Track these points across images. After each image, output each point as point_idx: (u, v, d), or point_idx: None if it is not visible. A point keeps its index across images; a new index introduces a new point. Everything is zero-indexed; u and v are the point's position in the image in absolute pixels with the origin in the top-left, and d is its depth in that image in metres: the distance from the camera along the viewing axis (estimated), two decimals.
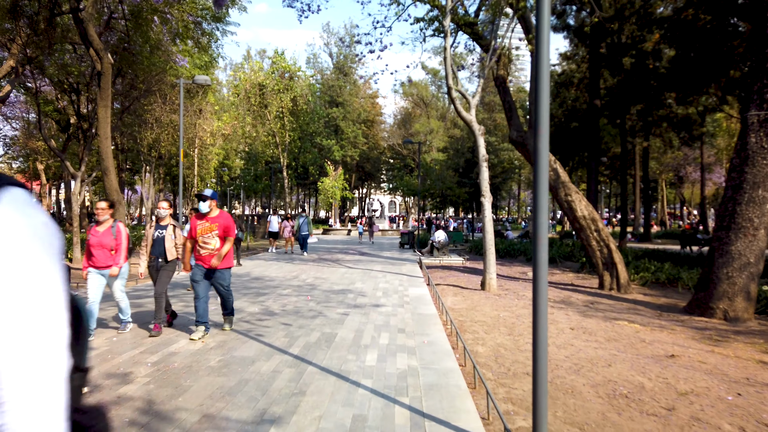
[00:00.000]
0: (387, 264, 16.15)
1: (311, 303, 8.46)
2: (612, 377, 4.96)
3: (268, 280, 11.48)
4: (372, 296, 9.42)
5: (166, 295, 6.36)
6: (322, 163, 51.09)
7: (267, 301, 8.52)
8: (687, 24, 18.84)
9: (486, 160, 11.07)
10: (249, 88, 28.35)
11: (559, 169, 13.40)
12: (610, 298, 10.91)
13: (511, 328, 7.12)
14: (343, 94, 59.11)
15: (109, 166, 13.37)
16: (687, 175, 54.18)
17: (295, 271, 13.47)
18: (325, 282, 11.30)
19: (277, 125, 29.80)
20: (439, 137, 57.67)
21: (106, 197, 14.20)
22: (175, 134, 28.11)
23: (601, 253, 12.58)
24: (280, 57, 28.94)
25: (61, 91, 24.88)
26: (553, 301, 10.00)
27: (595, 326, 7.47)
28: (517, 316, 8.10)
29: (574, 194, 13.10)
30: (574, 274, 15.51)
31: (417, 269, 14.78)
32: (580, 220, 12.84)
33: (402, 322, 7.10)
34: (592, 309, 9.20)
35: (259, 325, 6.66)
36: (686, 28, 18.92)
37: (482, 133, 11.19)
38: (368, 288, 10.52)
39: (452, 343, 6.11)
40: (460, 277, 13.37)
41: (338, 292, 9.77)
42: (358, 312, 7.75)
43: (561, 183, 13.27)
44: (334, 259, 17.52)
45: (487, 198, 10.97)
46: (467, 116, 11.19)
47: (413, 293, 9.92)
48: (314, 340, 5.90)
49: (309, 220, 19.08)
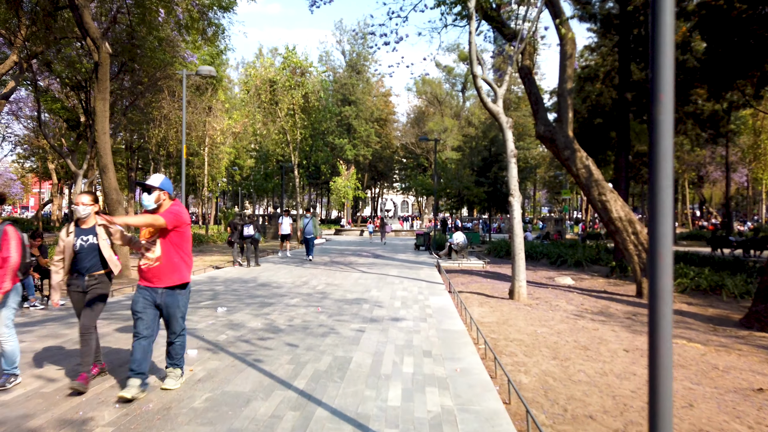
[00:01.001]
0: (403, 268, 15.15)
1: (322, 316, 7.48)
2: (701, 424, 3.91)
3: (276, 287, 10.53)
4: (390, 307, 8.42)
5: (96, 332, 4.49)
6: (335, 163, 50.23)
7: (272, 314, 7.56)
8: (720, 13, 17.59)
9: (515, 156, 10.02)
10: (259, 84, 27.51)
11: (591, 167, 12.31)
12: None
13: (554, 350, 6.08)
14: (355, 93, 58.21)
15: (108, 164, 12.53)
16: (707, 174, 52.55)
17: (305, 276, 12.52)
18: (337, 289, 10.33)
19: (288, 123, 28.93)
20: (453, 136, 56.51)
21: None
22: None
23: (639, 258, 11.47)
24: (291, 52, 28.06)
25: (69, 88, 24.28)
26: (591, 313, 8.94)
27: None
28: (557, 333, 7.05)
29: (609, 193, 12.01)
30: (605, 280, 14.37)
31: (436, 274, 13.76)
32: (615, 221, 11.74)
33: (427, 341, 6.09)
34: (638, 323, 8.12)
35: (260, 346, 5.69)
36: (719, 18, 17.67)
37: (510, 125, 10.15)
38: (385, 297, 9.53)
39: (489, 369, 5.10)
40: (484, 284, 12.32)
41: (352, 302, 8.79)
42: (376, 328, 6.76)
43: (594, 181, 12.19)
44: (346, 263, 16.55)
45: (516, 197, 9.92)
46: (494, 107, 10.15)
47: (435, 303, 8.90)
48: (324, 367, 4.91)
49: (316, 220, 17.46)
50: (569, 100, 12.90)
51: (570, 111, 12.86)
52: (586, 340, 6.65)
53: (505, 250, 21.24)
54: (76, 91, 25.58)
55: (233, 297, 9.14)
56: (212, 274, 12.91)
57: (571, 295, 11.05)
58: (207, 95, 28.57)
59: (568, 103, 12.89)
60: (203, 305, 8.26)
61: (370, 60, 61.93)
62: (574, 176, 12.55)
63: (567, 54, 12.86)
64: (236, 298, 8.96)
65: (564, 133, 12.63)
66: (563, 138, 12.58)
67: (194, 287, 10.45)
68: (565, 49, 12.89)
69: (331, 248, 24.48)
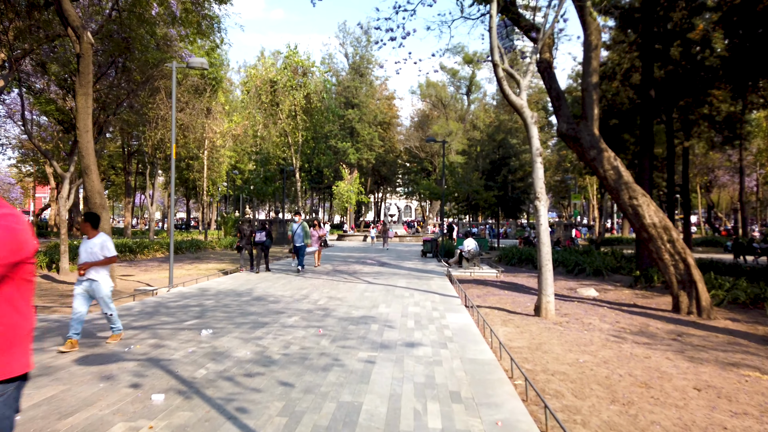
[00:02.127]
0: (412, 278, 14.02)
1: (323, 340, 6.35)
2: None
3: (272, 302, 9.41)
4: (402, 327, 7.29)
5: None
6: (337, 167, 49.17)
7: (265, 338, 6.43)
8: (745, 6, 16.48)
9: (541, 155, 8.92)
10: (260, 84, 26.48)
11: (620, 168, 11.19)
12: (696, 326, 8.66)
13: (609, 388, 4.94)
14: (359, 96, 57.23)
15: (91, 164, 11.47)
16: (716, 178, 51.40)
17: (306, 289, 11.39)
18: (341, 305, 9.20)
19: (290, 125, 27.89)
20: (458, 140, 55.44)
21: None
22: (180, 134, 26.32)
23: (675, 268, 10.33)
24: (293, 52, 27.04)
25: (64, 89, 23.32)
26: (630, 333, 7.80)
27: (723, 381, 5.27)
28: (603, 362, 5.92)
29: (641, 197, 10.88)
30: (630, 291, 13.23)
31: (448, 285, 12.63)
32: (648, 228, 10.60)
33: (452, 377, 4.96)
34: (689, 346, 6.98)
35: (246, 386, 4.57)
36: (744, 12, 16.56)
37: (536, 121, 9.05)
38: (395, 313, 8.40)
39: (537, 419, 3.98)
40: (502, 297, 11.18)
41: (358, 322, 7.66)
42: (388, 357, 5.63)
43: (624, 184, 11.06)
44: (350, 272, 15.43)
45: (542, 201, 8.80)
46: (517, 101, 9.06)
47: (454, 322, 7.77)
48: (327, 421, 3.79)
49: (306, 226, 15.05)
50: (595, 94, 11.80)
51: (596, 107, 11.76)
52: (641, 372, 5.51)
53: (517, 258, 20.11)
54: (71, 92, 24.63)
55: (223, 315, 8.03)
56: (204, 285, 11.80)
57: (602, 310, 9.91)
58: (206, 96, 27.56)
59: (594, 98, 11.79)
60: (186, 326, 7.14)
61: (374, 63, 61.00)
62: (601, 178, 11.42)
63: (592, 45, 11.78)
64: (226, 317, 7.85)
65: (589, 131, 11.52)
66: (588, 136, 11.47)
67: (181, 302, 9.34)
68: (589, 39, 11.81)
69: (334, 255, 23.37)
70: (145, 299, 9.71)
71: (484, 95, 69.07)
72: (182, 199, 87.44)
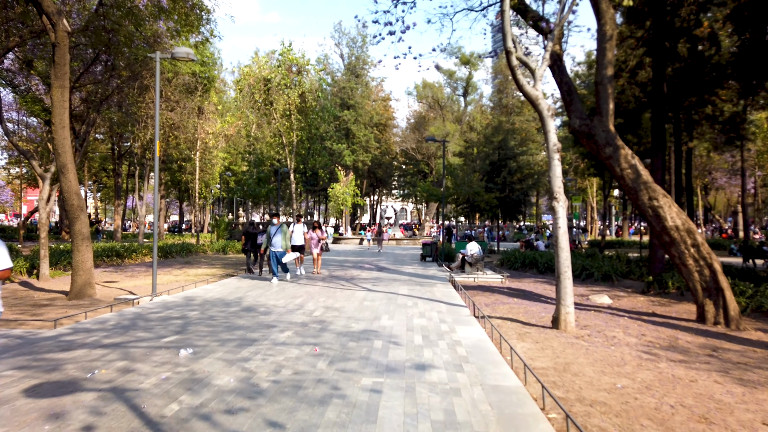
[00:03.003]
0: (413, 284, 13.19)
1: (320, 362, 5.51)
2: None
3: (263, 313, 8.55)
4: (409, 344, 6.46)
5: None
6: (333, 168, 48.31)
7: (253, 360, 5.58)
8: (756, 2, 15.79)
9: (558, 150, 8.12)
10: (253, 82, 25.61)
11: (638, 166, 10.41)
12: (728, 339, 7.88)
13: (665, 427, 4.12)
14: (354, 97, 56.42)
15: (68, 163, 10.59)
16: (713, 180, 50.94)
17: (300, 297, 10.54)
18: (339, 316, 8.35)
19: (284, 125, 27.01)
20: (454, 141, 54.73)
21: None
22: (171, 133, 25.43)
23: (700, 275, 9.55)
24: (287, 49, 26.19)
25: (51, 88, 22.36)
26: (661, 348, 7.01)
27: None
28: (645, 387, 5.10)
29: (662, 198, 10.10)
30: (645, 297, 12.47)
31: (452, 292, 11.81)
32: (670, 231, 9.82)
33: (476, 411, 4.14)
34: (729, 363, 6.19)
35: (225, 428, 3.71)
36: (756, 7, 15.87)
37: (552, 113, 8.26)
38: (400, 326, 7.57)
39: None
40: (513, 306, 10.37)
41: (359, 337, 6.82)
42: (396, 384, 4.80)
43: (643, 183, 10.28)
44: (348, 277, 14.58)
45: (561, 201, 8.00)
46: (533, 92, 8.26)
47: (466, 337, 6.95)
48: None
49: (286, 230, 13.19)
50: (610, 88, 11.03)
51: (611, 101, 10.99)
52: (694, 401, 4.70)
53: (521, 262, 19.33)
54: None
55: (207, 329, 7.17)
56: (191, 293, 10.93)
57: (622, 320, 9.11)
58: (197, 95, 26.68)
59: (609, 92, 11.02)
60: (164, 343, 6.28)
61: (370, 64, 60.23)
62: (618, 178, 10.64)
63: (606, 35, 11.02)
64: (210, 332, 6.99)
65: (604, 126, 10.75)
66: (603, 133, 10.70)
67: (163, 313, 8.47)
68: (604, 29, 11.05)
69: (330, 259, 22.52)
70: (124, 310, 8.83)
71: (480, 96, 68.50)
72: (176, 202, 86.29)
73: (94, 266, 18.61)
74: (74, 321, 8.01)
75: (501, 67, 64.58)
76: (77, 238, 10.75)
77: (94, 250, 20.06)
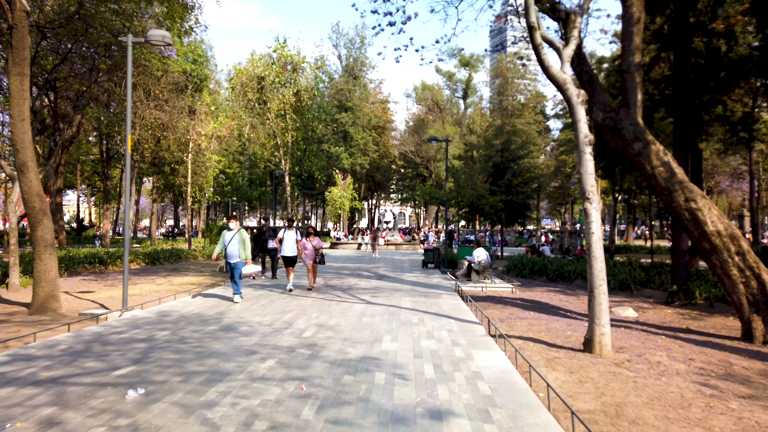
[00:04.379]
0: (417, 295, 11.96)
1: (307, 407, 4.29)
2: None
3: (244, 333, 7.32)
4: (418, 378, 5.24)
5: None
6: (330, 172, 47.08)
7: (220, 405, 4.35)
8: None
9: (590, 143, 6.93)
10: (246, 80, 24.40)
11: (672, 164, 9.24)
12: None
13: None
14: (352, 99, 55.33)
15: (28, 161, 9.37)
16: (716, 184, 49.98)
17: (290, 312, 9.30)
18: (333, 337, 7.12)
19: (279, 126, 25.80)
20: (454, 144, 53.65)
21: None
22: (161, 134, 24.20)
23: (747, 287, 8.37)
24: (281, 46, 25.02)
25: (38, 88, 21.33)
26: (717, 377, 5.83)
27: None
28: None
29: (701, 199, 8.92)
30: (672, 310, 11.30)
31: (461, 304, 10.60)
32: (711, 237, 8.63)
33: None
34: None
35: None
36: None
37: (583, 100, 7.08)
38: (405, 352, 6.35)
39: None
40: (532, 321, 9.15)
41: (356, 367, 5.60)
42: None
43: (678, 183, 9.11)
44: (345, 287, 13.35)
45: (594, 202, 6.81)
46: (560, 75, 7.08)
47: (487, 366, 5.73)
48: None
49: (243, 237, 10.64)
50: (638, 76, 9.89)
51: (639, 92, 9.84)
52: None
53: (529, 269, 18.13)
54: (44, 91, 22.44)
55: (173, 357, 5.94)
56: (167, 307, 9.69)
57: (659, 339, 7.92)
58: (188, 93, 25.44)
59: (637, 81, 9.88)
60: (114, 378, 5.06)
61: (368, 65, 59.18)
62: (648, 177, 9.46)
63: (634, 18, 9.89)
64: (175, 361, 5.75)
65: (632, 120, 9.58)
66: (631, 127, 9.52)
67: (127, 334, 7.24)
68: (630, 11, 9.92)
69: (327, 265, 21.30)
70: (84, 329, 7.59)
71: (480, 99, 67.48)
72: (171, 206, 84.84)
73: (75, 274, 17.38)
74: (23, 343, 6.78)
75: (501, 69, 63.59)
76: (39, 245, 9.52)
77: (77, 256, 18.80)
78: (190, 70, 28.33)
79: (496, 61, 67.72)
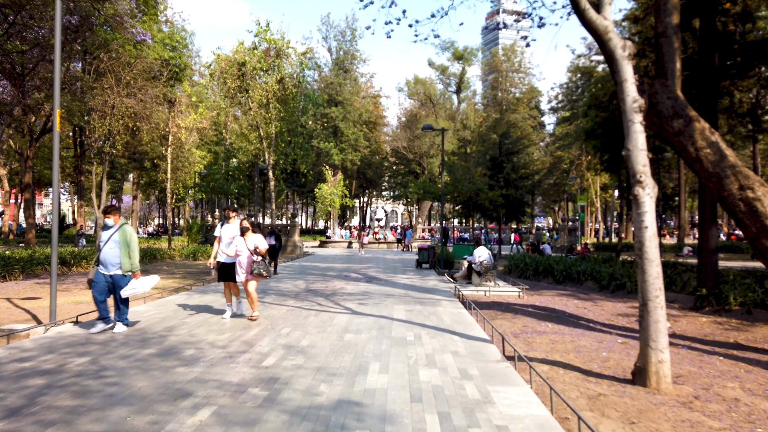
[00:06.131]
0: (412, 301, 10.28)
1: None
2: None
3: (187, 361, 5.59)
4: None
5: None
6: (320, 168, 45.30)
7: None
8: None
9: (641, 110, 5.29)
10: (225, 66, 22.58)
11: (721, 145, 7.58)
12: None
13: None
14: (342, 93, 53.56)
15: None
16: None
17: (255, 327, 7.57)
18: (301, 368, 5.40)
19: (261, 116, 23.98)
20: (448, 139, 52.07)
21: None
22: (131, 122, 22.32)
23: None
24: (264, 30, 23.22)
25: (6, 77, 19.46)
26: None
27: None
28: None
29: (759, 188, 7.29)
30: (707, 318, 9.75)
31: (464, 313, 8.93)
32: None
33: None
34: None
35: None
36: None
37: (630, 54, 5.43)
38: (398, 391, 4.65)
39: None
40: (554, 337, 7.48)
41: (327, 424, 3.90)
42: None
43: (729, 168, 7.46)
44: (328, 292, 11.64)
45: (648, 187, 5.16)
46: (600, 21, 5.43)
47: (516, 418, 4.04)
48: None
49: (128, 238, 7.06)
50: (676, 41, 8.21)
51: (678, 59, 8.16)
52: None
53: (533, 269, 16.52)
54: (12, 80, 20.56)
55: (67, 405, 4.19)
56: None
57: (716, 361, 6.29)
58: (162, 80, 23.55)
59: (675, 46, 8.19)
60: None
61: (359, 59, 57.42)
62: (691, 160, 7.79)
63: None
64: (68, 412, 4.00)
65: (670, 93, 7.88)
66: (669, 101, 7.83)
67: (31, 362, 5.47)
68: None
69: (312, 266, 19.59)
70: None
71: (474, 94, 65.94)
72: (156, 204, 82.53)
73: (32, 276, 15.44)
74: None
75: (496, 63, 62.06)
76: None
77: (38, 256, 16.88)
78: (167, 57, 26.46)
79: (491, 54, 66.13)
